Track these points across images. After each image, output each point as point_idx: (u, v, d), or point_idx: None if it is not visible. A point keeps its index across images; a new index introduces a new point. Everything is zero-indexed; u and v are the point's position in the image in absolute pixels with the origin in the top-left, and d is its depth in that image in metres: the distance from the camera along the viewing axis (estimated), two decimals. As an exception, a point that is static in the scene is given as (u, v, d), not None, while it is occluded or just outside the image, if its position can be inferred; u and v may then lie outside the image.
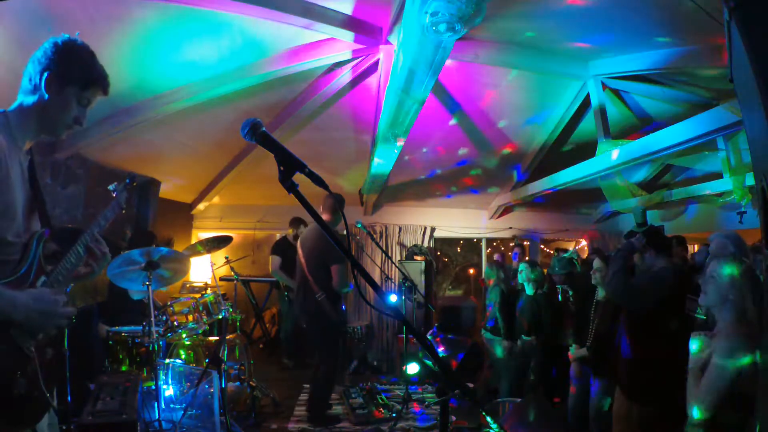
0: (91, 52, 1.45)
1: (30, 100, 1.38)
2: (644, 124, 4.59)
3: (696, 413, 1.90)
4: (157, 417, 3.25)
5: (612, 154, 3.84)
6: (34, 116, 1.39)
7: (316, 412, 3.98)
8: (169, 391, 3.60)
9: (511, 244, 7.44)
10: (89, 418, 2.43)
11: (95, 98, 1.47)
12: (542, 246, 8.03)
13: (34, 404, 1.33)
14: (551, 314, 4.16)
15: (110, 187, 1.84)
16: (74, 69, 1.40)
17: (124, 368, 3.63)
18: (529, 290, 4.26)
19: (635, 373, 2.60)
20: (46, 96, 1.36)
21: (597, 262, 3.47)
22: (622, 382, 2.71)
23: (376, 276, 6.40)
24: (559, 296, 4.58)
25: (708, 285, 2.01)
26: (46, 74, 1.35)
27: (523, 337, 4.22)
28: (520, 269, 4.40)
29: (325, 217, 3.99)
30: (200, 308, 4.03)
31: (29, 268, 1.37)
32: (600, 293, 3.47)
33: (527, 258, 6.31)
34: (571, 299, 4.29)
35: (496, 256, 6.94)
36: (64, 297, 1.38)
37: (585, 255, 5.92)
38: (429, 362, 4.97)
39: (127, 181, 1.89)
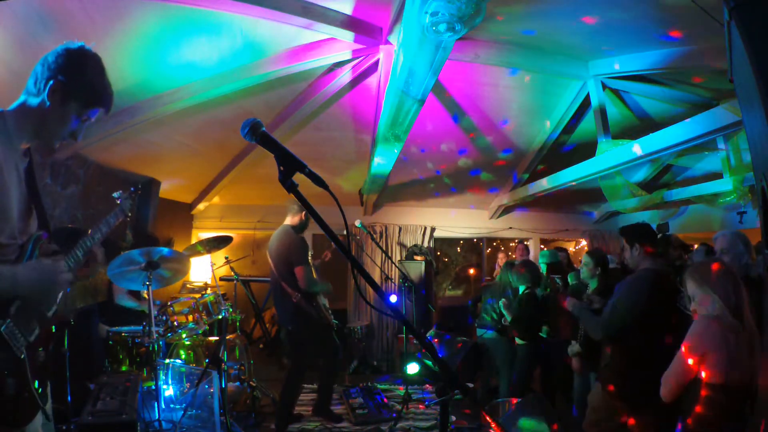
0: (102, 68, 1.43)
1: (32, 102, 1.37)
2: (644, 124, 4.59)
3: None
4: (157, 417, 3.25)
5: (633, 147, 3.74)
6: (32, 120, 1.38)
7: (322, 406, 4.07)
8: (169, 391, 3.60)
9: (512, 244, 7.42)
10: (89, 418, 2.43)
11: (96, 116, 1.46)
12: (542, 246, 8.03)
13: (25, 405, 1.34)
14: (534, 310, 4.17)
15: (114, 195, 1.85)
16: (81, 84, 1.38)
17: (124, 368, 3.63)
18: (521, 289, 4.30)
19: (618, 375, 2.58)
20: (48, 104, 1.35)
21: (585, 257, 3.48)
22: (605, 383, 2.68)
23: (376, 276, 6.41)
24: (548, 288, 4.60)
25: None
26: (51, 83, 1.34)
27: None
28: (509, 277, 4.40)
29: (294, 220, 3.92)
30: (200, 308, 4.03)
31: None
32: (591, 287, 3.47)
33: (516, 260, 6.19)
34: (560, 291, 4.31)
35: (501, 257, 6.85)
36: (63, 264, 1.39)
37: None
38: (429, 362, 4.97)
39: (132, 189, 1.91)
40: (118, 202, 1.83)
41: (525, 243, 7.18)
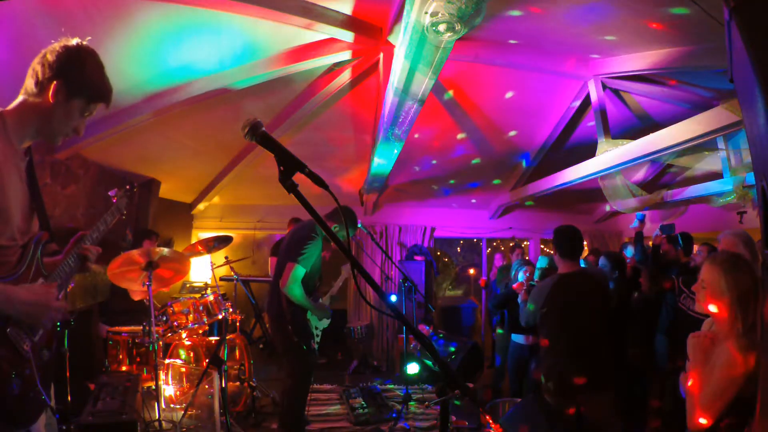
0: (100, 63, 1.45)
1: (32, 102, 1.36)
2: (644, 124, 4.59)
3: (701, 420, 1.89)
4: (157, 417, 3.25)
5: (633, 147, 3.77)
6: (34, 119, 1.37)
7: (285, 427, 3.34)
8: (169, 391, 3.60)
9: (511, 244, 7.41)
10: (89, 418, 2.43)
11: (96, 110, 1.47)
12: (542, 246, 8.03)
13: (30, 404, 1.34)
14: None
15: (110, 193, 1.85)
16: (84, 82, 1.39)
17: (124, 368, 3.63)
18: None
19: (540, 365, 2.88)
20: (51, 103, 1.35)
21: (602, 260, 3.50)
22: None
23: (376, 276, 6.40)
24: None
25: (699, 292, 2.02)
26: (55, 82, 1.34)
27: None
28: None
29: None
30: (200, 308, 4.03)
31: (28, 269, 1.37)
32: None
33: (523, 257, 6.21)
34: None
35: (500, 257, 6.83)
36: (56, 291, 1.38)
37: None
38: (429, 362, 4.97)
39: (127, 187, 1.91)
40: (114, 200, 1.82)
41: (521, 246, 7.09)
